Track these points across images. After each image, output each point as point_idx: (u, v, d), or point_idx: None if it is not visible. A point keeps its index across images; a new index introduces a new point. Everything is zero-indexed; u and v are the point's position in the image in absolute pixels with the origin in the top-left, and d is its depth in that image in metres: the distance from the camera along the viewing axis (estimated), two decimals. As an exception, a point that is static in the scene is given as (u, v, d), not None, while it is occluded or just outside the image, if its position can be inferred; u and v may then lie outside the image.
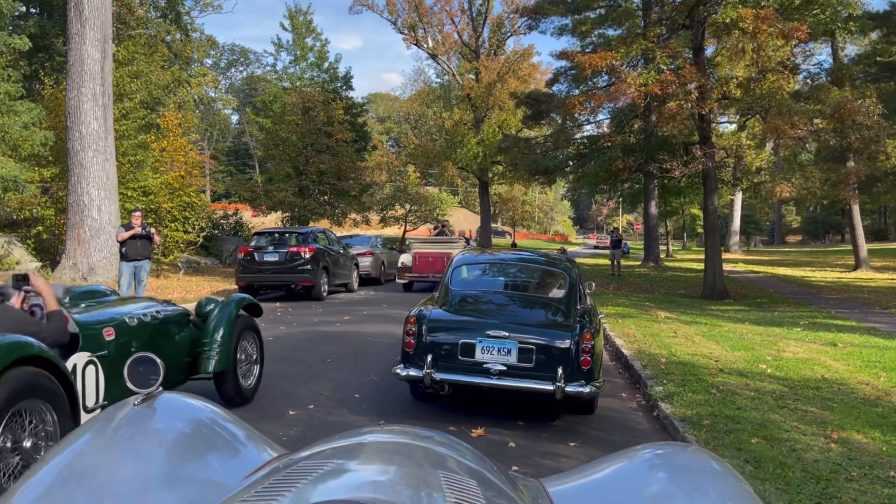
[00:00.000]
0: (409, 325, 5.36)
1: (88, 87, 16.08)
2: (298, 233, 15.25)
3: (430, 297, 6.26)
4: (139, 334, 4.74)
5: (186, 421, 1.89)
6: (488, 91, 49.04)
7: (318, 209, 27.77)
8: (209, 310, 5.73)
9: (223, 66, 76.55)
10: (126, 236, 12.00)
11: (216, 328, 5.48)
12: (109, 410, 1.87)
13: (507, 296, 6.04)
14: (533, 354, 5.16)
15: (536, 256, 6.88)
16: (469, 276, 6.27)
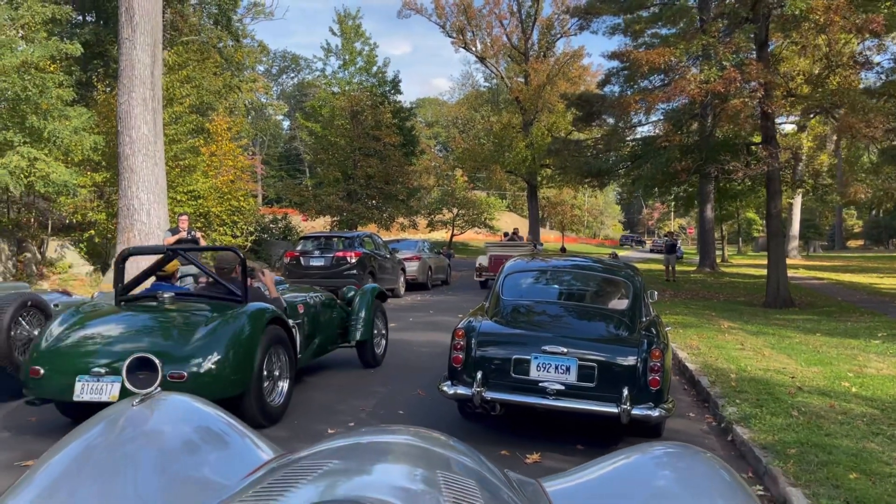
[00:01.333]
0: (456, 338, 4.91)
1: (139, 91, 16.13)
2: (344, 237, 15.01)
3: (480, 307, 5.81)
4: (314, 311, 6.72)
5: (185, 421, 1.90)
6: (537, 94, 48.40)
7: (366, 213, 27.62)
8: (350, 296, 7.73)
9: (275, 73, 77.57)
10: (172, 241, 11.89)
11: (360, 308, 7.45)
12: (108, 410, 1.88)
13: (564, 307, 5.54)
14: (595, 373, 4.66)
15: (594, 263, 6.35)
16: (522, 284, 5.79)
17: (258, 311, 5.27)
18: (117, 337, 4.94)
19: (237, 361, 4.85)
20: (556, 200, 69.26)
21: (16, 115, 13.81)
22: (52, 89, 13.60)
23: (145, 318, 5.23)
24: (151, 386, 1.93)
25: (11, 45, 13.06)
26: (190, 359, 4.68)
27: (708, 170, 14.75)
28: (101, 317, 5.22)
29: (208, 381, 4.66)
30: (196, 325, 5.00)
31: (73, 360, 4.76)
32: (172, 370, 4.55)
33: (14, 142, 13.31)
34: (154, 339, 4.92)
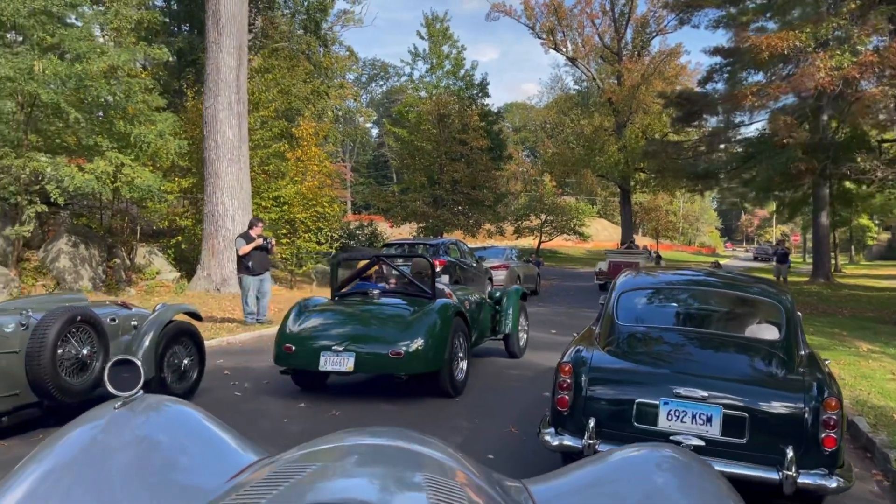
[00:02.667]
0: (562, 374, 3.90)
1: (224, 95, 15.96)
2: (429, 244, 14.20)
3: (587, 333, 4.79)
4: (474, 308, 7.63)
5: (168, 423, 1.89)
6: (631, 94, 46.54)
7: (452, 219, 26.84)
8: (498, 296, 8.69)
9: (364, 81, 78.47)
10: (248, 249, 11.44)
11: (507, 307, 8.45)
12: (91, 413, 1.88)
13: (696, 336, 4.42)
14: (746, 425, 3.56)
15: (730, 278, 5.18)
16: (640, 305, 4.72)
17: (446, 306, 6.61)
18: (346, 323, 6.42)
19: (436, 344, 6.16)
20: (650, 206, 66.58)
21: (104, 120, 13.79)
22: (138, 94, 13.47)
23: (363, 310, 6.71)
24: (134, 388, 1.91)
25: (100, 50, 12.98)
26: (404, 341, 6.03)
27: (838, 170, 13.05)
28: (327, 309, 6.73)
29: (418, 358, 6.04)
30: (403, 316, 6.42)
31: (317, 340, 6.25)
32: (392, 349, 6.00)
33: (102, 147, 13.24)
34: (374, 326, 6.40)
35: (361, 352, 6.02)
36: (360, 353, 6.01)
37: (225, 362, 8.20)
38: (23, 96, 12.60)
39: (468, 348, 6.97)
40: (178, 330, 6.00)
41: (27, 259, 14.58)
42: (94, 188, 12.76)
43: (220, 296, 15.33)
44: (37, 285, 13.96)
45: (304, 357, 6.21)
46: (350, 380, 7.12)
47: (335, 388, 6.90)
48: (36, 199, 12.86)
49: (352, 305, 6.79)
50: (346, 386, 6.91)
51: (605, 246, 69.74)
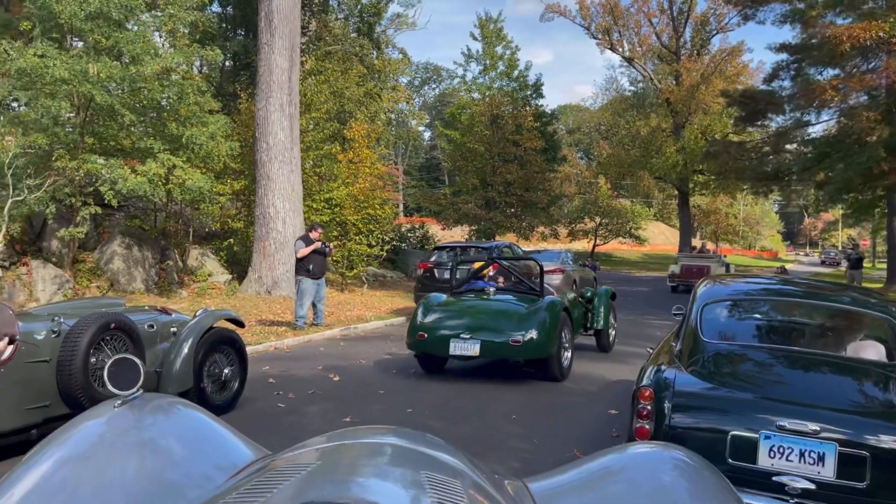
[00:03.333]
0: (641, 400, 3.37)
1: (276, 97, 15.83)
2: (481, 247, 13.71)
3: (664, 348, 4.25)
4: (574, 305, 8.41)
5: (168, 422, 1.88)
6: (690, 94, 45.20)
7: (505, 222, 26.29)
8: (589, 296, 9.27)
9: (417, 85, 78.52)
10: (307, 252, 11.23)
11: (599, 305, 9.12)
12: (91, 412, 1.88)
13: (794, 356, 3.81)
14: (867, 466, 2.98)
15: (829, 289, 4.55)
16: (726, 319, 4.14)
17: (555, 303, 7.53)
18: (469, 315, 7.41)
19: (548, 335, 7.08)
20: (710, 209, 64.58)
21: (158, 122, 13.77)
22: (191, 96, 13.39)
23: (483, 304, 7.73)
24: (134, 387, 1.90)
25: (154, 51, 12.95)
26: (521, 331, 6.99)
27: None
28: (451, 304, 7.79)
29: (533, 346, 6.99)
30: (519, 310, 7.40)
31: (446, 329, 7.25)
32: (512, 338, 6.97)
33: (155, 149, 13.21)
34: (495, 318, 7.32)
35: (486, 339, 7.07)
36: (485, 341, 7.06)
37: (271, 369, 7.90)
38: (79, 98, 12.65)
39: (572, 339, 7.94)
40: (218, 337, 5.68)
41: (82, 260, 14.68)
42: (147, 190, 12.71)
43: (270, 299, 15.17)
44: (91, 287, 14.04)
45: (435, 344, 7.30)
46: (398, 399, 6.71)
47: (383, 404, 6.49)
48: (90, 201, 12.89)
49: (471, 301, 7.89)
50: (394, 405, 6.49)
51: (663, 250, 68.27)
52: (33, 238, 14.10)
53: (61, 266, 13.71)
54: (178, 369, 5.24)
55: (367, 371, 7.86)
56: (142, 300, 14.23)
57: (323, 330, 11.20)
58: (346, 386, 7.07)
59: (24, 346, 4.35)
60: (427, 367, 7.84)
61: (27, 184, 12.27)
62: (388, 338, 10.90)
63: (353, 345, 10.13)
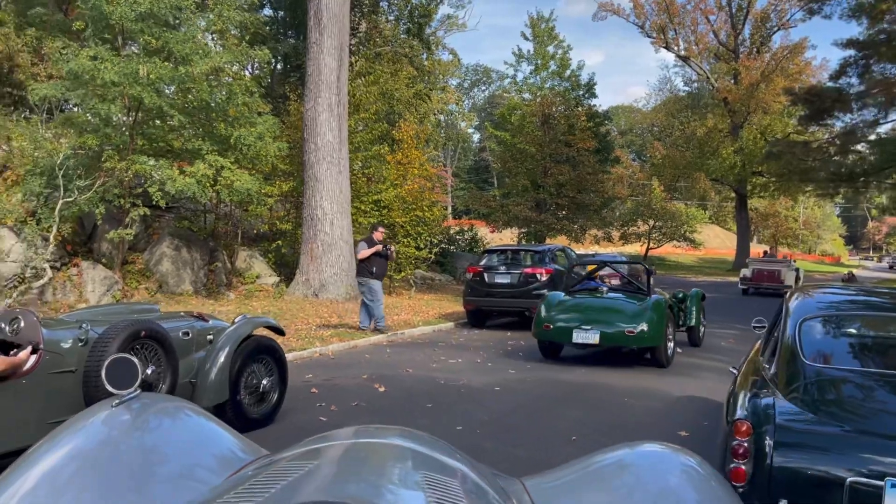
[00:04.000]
0: (737, 436, 2.83)
1: (325, 96, 15.61)
2: (534, 251, 13.17)
3: (751, 368, 3.70)
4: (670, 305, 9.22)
5: (166, 422, 1.88)
6: (749, 93, 43.72)
7: (556, 224, 25.62)
8: (681, 296, 10.17)
9: (466, 87, 78.17)
10: (369, 253, 11.02)
11: (692, 305, 10.15)
12: (89, 411, 1.87)
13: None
14: None
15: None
16: (828, 337, 3.57)
17: (660, 300, 8.76)
18: (588, 310, 8.64)
19: (658, 327, 8.29)
20: (769, 211, 62.45)
21: (206, 123, 13.68)
22: (240, 96, 13.25)
23: (598, 301, 8.91)
24: (131, 387, 1.89)
25: (203, 51, 12.83)
26: (634, 323, 8.20)
27: None
28: (570, 300, 9.02)
29: (645, 336, 8.20)
30: (630, 306, 8.62)
31: (569, 321, 8.48)
32: (628, 329, 8.18)
33: (203, 150, 13.10)
34: (611, 312, 8.51)
35: (604, 330, 8.27)
36: (603, 331, 8.26)
37: (314, 377, 7.56)
38: (129, 100, 12.62)
39: (674, 332, 9.22)
40: (257, 346, 5.34)
41: (132, 262, 14.70)
42: (195, 191, 12.59)
43: (317, 301, 14.94)
44: (139, 288, 14.02)
45: (559, 333, 8.56)
46: (447, 414, 6.27)
47: (430, 419, 6.06)
48: (139, 202, 12.84)
49: (587, 298, 9.10)
50: (442, 421, 6.06)
51: (718, 253, 66.41)
52: (84, 239, 14.16)
53: (111, 267, 13.72)
54: (212, 380, 4.92)
55: (414, 381, 7.45)
56: (190, 302, 14.16)
57: (369, 335, 10.85)
58: (391, 397, 6.67)
59: (49, 356, 4.07)
60: (546, 353, 9.29)
61: (77, 185, 12.29)
62: (437, 344, 10.48)
63: (399, 351, 9.75)
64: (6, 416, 3.83)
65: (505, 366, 8.53)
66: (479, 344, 10.61)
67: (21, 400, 3.90)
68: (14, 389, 3.90)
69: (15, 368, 3.88)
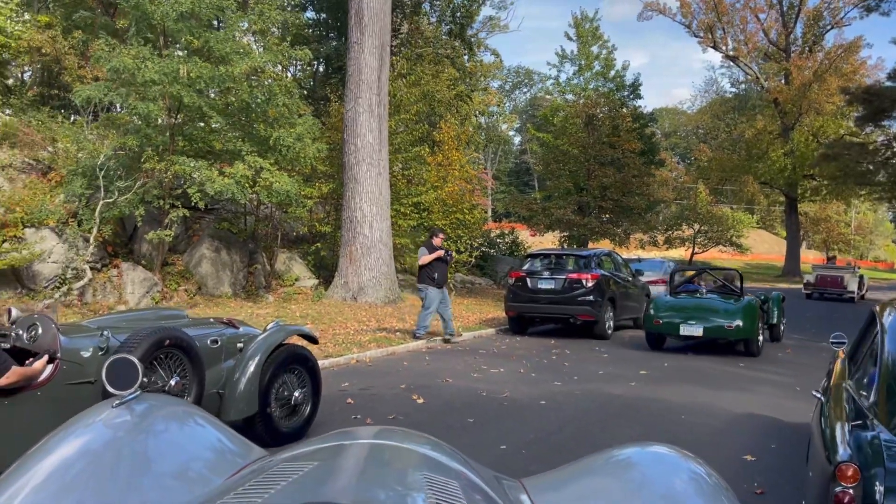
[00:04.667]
0: (843, 482, 2.37)
1: (365, 97, 15.38)
2: (579, 256, 12.70)
3: (840, 392, 3.24)
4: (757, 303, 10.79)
5: (166, 422, 1.88)
6: (801, 94, 42.24)
7: (600, 228, 24.99)
8: (763, 298, 11.45)
9: (507, 89, 77.66)
10: (429, 259, 10.79)
11: (774, 305, 11.69)
12: (89, 412, 1.87)
13: None
14: None
15: None
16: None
17: (751, 301, 10.52)
18: (691, 308, 10.51)
19: (752, 322, 10.04)
20: (819, 216, 60.46)
21: (246, 123, 13.54)
22: (280, 96, 13.07)
23: (699, 300, 10.81)
24: (132, 387, 1.89)
25: (243, 51, 12.70)
26: (732, 319, 10.02)
27: None
28: (674, 300, 10.85)
29: (742, 330, 9.94)
30: (727, 305, 10.40)
31: (676, 316, 10.34)
32: (727, 324, 9.98)
33: (242, 151, 12.96)
34: (711, 310, 10.34)
35: (707, 325, 10.11)
36: (706, 326, 10.11)
37: (350, 387, 7.25)
38: (171, 100, 12.55)
39: (763, 327, 10.81)
40: (289, 356, 5.03)
41: (172, 263, 14.66)
42: (234, 192, 12.45)
43: (356, 305, 14.71)
44: (179, 290, 13.96)
45: (668, 327, 10.45)
46: (489, 431, 5.89)
47: (471, 437, 5.68)
48: (178, 203, 12.75)
49: (689, 298, 10.99)
50: (484, 439, 5.68)
51: (766, 259, 64.66)
52: (125, 240, 14.16)
53: (151, 269, 13.67)
54: (241, 391, 4.62)
55: (455, 393, 7.08)
56: (228, 304, 14.05)
57: (408, 341, 10.53)
58: (430, 410, 6.31)
59: (66, 366, 3.82)
60: (653, 344, 10.91)
61: (117, 186, 12.25)
62: (477, 352, 10.09)
63: (439, 359, 9.40)
64: (20, 428, 3.58)
65: (550, 377, 8.10)
66: (522, 352, 10.20)
67: (36, 412, 3.65)
68: (29, 401, 3.65)
69: (30, 379, 3.63)
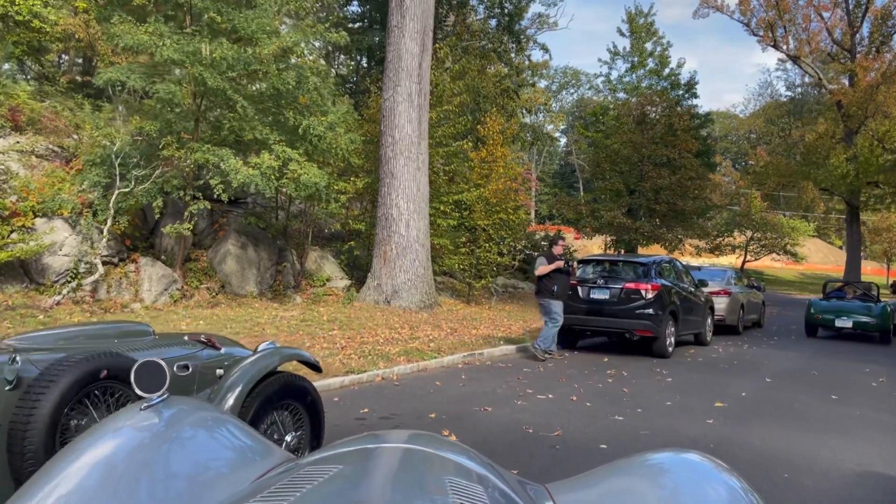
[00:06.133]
0: None
1: (405, 85, 14.26)
2: (637, 263, 11.33)
3: None
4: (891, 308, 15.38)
5: (193, 425, 1.89)
6: (867, 96, 39.81)
7: (653, 233, 23.43)
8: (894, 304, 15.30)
9: (555, 89, 75.98)
10: (549, 269, 9.84)
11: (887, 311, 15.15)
12: (116, 415, 1.86)
13: None
14: None
15: None
16: None
17: (886, 304, 14.87)
18: (842, 308, 14.95)
19: (885, 320, 14.46)
20: (881, 226, 57.32)
21: (274, 110, 12.55)
22: (310, 79, 12.02)
23: (847, 304, 15.13)
24: (159, 391, 1.88)
25: (271, 30, 11.69)
26: (874, 317, 14.60)
27: None
28: (827, 303, 15.35)
29: (879, 325, 14.58)
30: (869, 306, 14.94)
31: (831, 314, 14.94)
32: (871, 321, 14.60)
33: (270, 140, 11.96)
34: (857, 310, 14.82)
35: (855, 320, 14.46)
36: (855, 321, 14.45)
37: (369, 413, 6.10)
38: (192, 83, 11.61)
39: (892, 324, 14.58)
40: (283, 387, 3.85)
41: (195, 259, 13.77)
42: (258, 184, 11.46)
43: (389, 310, 13.60)
44: (201, 288, 13.03)
45: (824, 322, 14.89)
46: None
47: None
48: (199, 195, 11.82)
49: (839, 302, 15.24)
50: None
51: (821, 269, 61.91)
52: (146, 234, 13.30)
53: (171, 265, 12.79)
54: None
55: (494, 428, 5.85)
56: (253, 304, 13.09)
57: (442, 355, 9.34)
58: (464, 451, 5.11)
59: (-45, 404, 2.75)
60: (810, 332, 15.40)
61: (135, 174, 11.36)
62: (521, 370, 8.85)
63: (476, 379, 8.19)
64: None
65: (608, 408, 6.81)
66: (573, 371, 8.92)
67: None
68: None
69: None
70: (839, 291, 16.30)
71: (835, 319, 14.64)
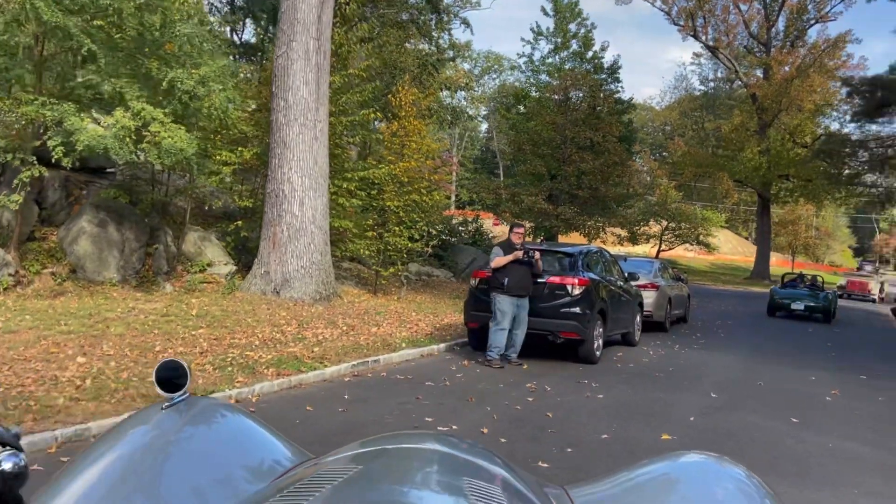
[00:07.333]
0: None
1: (300, 40, 12.24)
2: (563, 253, 9.80)
3: None
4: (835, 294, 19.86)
5: (214, 424, 1.88)
6: (781, 90, 40.17)
7: (576, 219, 22.23)
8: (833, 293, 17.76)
9: (477, 73, 74.64)
10: (504, 261, 8.33)
11: (833, 298, 18.90)
12: (138, 415, 1.88)
13: None
14: None
15: None
16: None
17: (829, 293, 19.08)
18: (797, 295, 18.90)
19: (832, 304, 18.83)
20: (787, 218, 58.97)
21: (133, 59, 10.33)
22: (177, 24, 9.88)
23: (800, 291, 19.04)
24: (181, 390, 1.86)
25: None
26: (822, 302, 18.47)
27: None
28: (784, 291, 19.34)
29: (825, 309, 18.30)
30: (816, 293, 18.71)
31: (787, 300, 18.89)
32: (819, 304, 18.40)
33: (126, 95, 9.77)
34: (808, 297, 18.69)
35: (807, 304, 18.29)
36: (807, 304, 18.29)
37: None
38: (36, 22, 9.29)
39: None
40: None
41: (43, 238, 11.43)
42: (110, 148, 9.29)
43: (277, 301, 11.69)
44: (44, 273, 10.72)
45: (783, 306, 18.57)
46: None
47: None
48: (33, 160, 9.54)
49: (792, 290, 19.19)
50: None
51: (730, 259, 63.42)
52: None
53: (5, 245, 10.43)
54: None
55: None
56: (111, 293, 10.90)
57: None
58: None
59: None
60: (771, 313, 18.76)
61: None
62: (422, 386, 7.15)
63: (362, 399, 6.43)
64: None
65: (528, 447, 5.21)
66: (486, 387, 7.31)
67: None
68: None
69: None
70: (793, 282, 20.00)
71: (790, 303, 18.28)
